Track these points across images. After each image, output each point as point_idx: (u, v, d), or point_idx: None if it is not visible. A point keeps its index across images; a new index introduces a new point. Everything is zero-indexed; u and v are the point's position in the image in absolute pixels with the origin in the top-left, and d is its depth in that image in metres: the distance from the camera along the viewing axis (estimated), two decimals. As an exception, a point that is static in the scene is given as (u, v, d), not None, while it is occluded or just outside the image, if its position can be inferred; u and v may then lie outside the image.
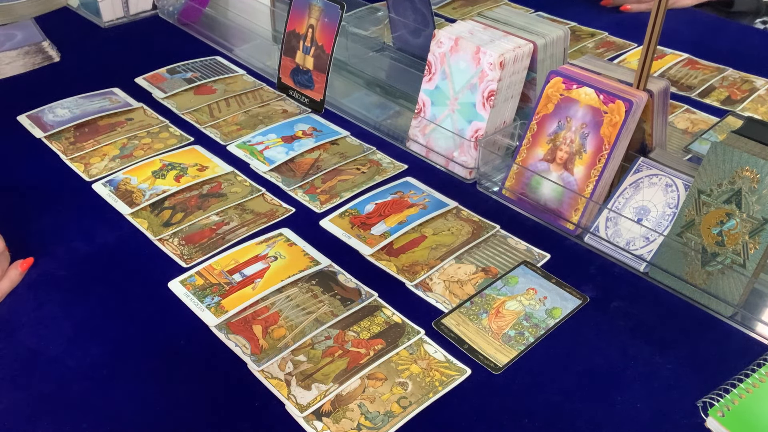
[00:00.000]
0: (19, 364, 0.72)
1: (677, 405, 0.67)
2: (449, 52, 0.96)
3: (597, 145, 0.85)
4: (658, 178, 0.84)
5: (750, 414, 0.65)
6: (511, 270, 0.83)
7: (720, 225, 0.76)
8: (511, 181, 0.93)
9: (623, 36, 1.41)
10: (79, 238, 0.88)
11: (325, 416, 0.65)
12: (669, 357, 0.72)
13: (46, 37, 1.33)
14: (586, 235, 0.87)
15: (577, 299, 0.79)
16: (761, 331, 0.75)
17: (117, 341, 0.74)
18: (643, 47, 0.82)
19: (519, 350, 0.73)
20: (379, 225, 0.90)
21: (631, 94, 0.83)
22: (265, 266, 0.83)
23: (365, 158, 1.03)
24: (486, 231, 0.89)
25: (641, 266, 0.83)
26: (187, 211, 0.92)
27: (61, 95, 1.17)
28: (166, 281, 0.81)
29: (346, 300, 0.78)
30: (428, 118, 1.01)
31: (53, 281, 0.81)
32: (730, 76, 1.26)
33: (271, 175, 1.00)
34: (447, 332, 0.75)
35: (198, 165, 1.00)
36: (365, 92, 1.18)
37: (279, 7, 1.32)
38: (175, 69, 1.27)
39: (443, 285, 0.81)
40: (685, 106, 1.17)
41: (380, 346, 0.72)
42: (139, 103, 1.16)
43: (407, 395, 0.67)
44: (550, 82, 0.88)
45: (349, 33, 1.24)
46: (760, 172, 0.73)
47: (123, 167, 1.00)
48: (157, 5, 1.50)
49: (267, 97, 1.19)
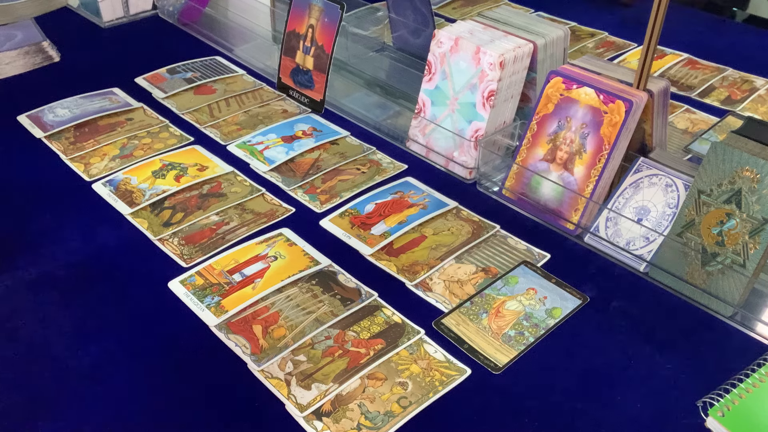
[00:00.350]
0: (19, 364, 0.72)
1: (677, 405, 0.67)
2: (449, 52, 0.96)
3: (597, 145, 0.85)
4: (658, 178, 0.84)
5: (750, 414, 0.65)
6: (511, 270, 0.83)
7: (720, 225, 0.76)
8: (511, 181, 0.93)
9: (623, 36, 1.41)
10: (79, 238, 0.88)
11: (325, 416, 0.65)
12: (669, 357, 0.72)
13: (46, 37, 1.33)
14: (586, 235, 0.87)
15: (577, 299, 0.79)
16: (761, 331, 0.75)
17: (117, 341, 0.74)
18: (643, 47, 0.82)
19: (519, 350, 0.73)
20: (379, 225, 0.90)
21: (631, 94, 0.83)
22: (265, 266, 0.83)
23: (365, 158, 1.03)
24: (486, 231, 0.89)
25: (641, 266, 0.83)
26: (187, 211, 0.92)
27: (61, 95, 1.17)
28: (166, 281, 0.81)
29: (346, 300, 0.78)
30: (428, 118, 1.01)
31: (53, 281, 0.81)
32: (730, 76, 1.26)
33: (271, 175, 1.00)
34: (447, 332, 0.75)
35: (198, 165, 1.00)
36: (365, 92, 1.18)
37: (279, 7, 1.32)
38: (175, 69, 1.27)
39: (443, 285, 0.81)
40: (685, 106, 1.17)
41: (380, 346, 0.72)
42: (139, 103, 1.16)
43: (407, 395, 0.67)
44: (550, 82, 0.88)
45: (349, 33, 1.24)
46: (760, 172, 0.73)
47: (123, 167, 1.00)
48: (157, 5, 1.50)
49: (267, 97, 1.19)
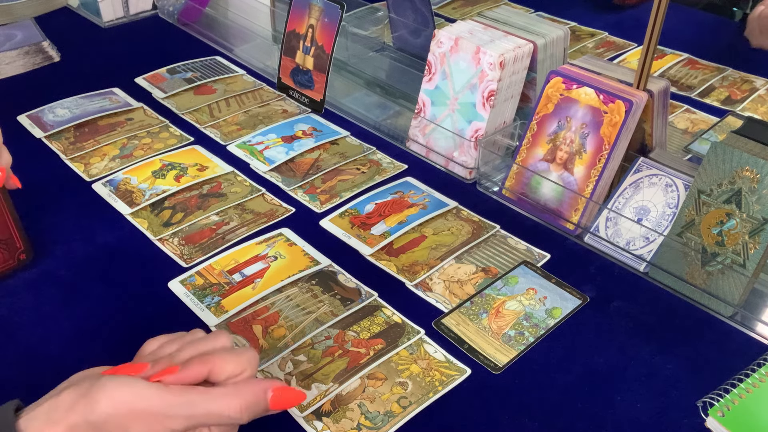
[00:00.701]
0: (19, 364, 0.72)
1: (677, 405, 0.67)
2: (449, 52, 0.96)
3: (597, 145, 0.85)
4: (658, 178, 0.84)
5: (750, 414, 0.65)
6: (511, 270, 0.83)
7: (720, 225, 0.76)
8: (511, 181, 0.93)
9: (623, 36, 1.41)
10: (79, 238, 0.88)
11: (325, 416, 0.65)
12: (669, 357, 0.72)
13: (46, 37, 1.33)
14: (586, 235, 0.87)
15: (577, 299, 0.79)
16: (761, 331, 0.75)
17: (117, 341, 0.74)
18: (643, 47, 0.82)
19: (519, 350, 0.73)
20: (379, 225, 0.90)
21: (631, 94, 0.83)
22: (265, 266, 0.83)
23: (365, 158, 1.03)
24: (486, 231, 0.89)
25: (641, 266, 0.83)
26: (187, 211, 0.92)
27: (61, 95, 1.17)
28: (166, 281, 0.81)
29: (346, 300, 0.78)
30: (428, 118, 1.01)
31: (53, 281, 0.81)
32: (730, 76, 1.26)
33: (271, 175, 1.00)
34: (447, 332, 0.75)
35: (198, 165, 1.00)
36: (365, 92, 1.18)
37: (279, 7, 1.32)
38: (175, 69, 1.27)
39: (443, 285, 0.81)
40: (685, 106, 1.17)
41: (380, 346, 0.72)
42: (139, 103, 1.16)
43: (407, 395, 0.67)
44: (550, 82, 0.88)
45: (349, 33, 1.24)
46: (760, 172, 0.73)
47: (123, 167, 1.00)
48: (157, 5, 1.51)
49: (267, 97, 1.19)
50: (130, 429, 0.51)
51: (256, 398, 0.56)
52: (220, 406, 0.54)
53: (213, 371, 0.56)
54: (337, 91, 1.16)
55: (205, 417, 0.53)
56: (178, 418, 0.52)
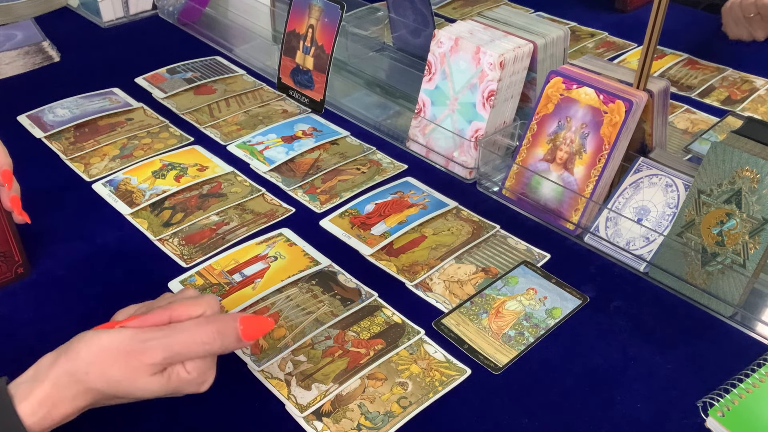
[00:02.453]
0: (19, 364, 0.71)
1: (677, 405, 0.67)
2: (449, 52, 0.96)
3: (597, 145, 0.85)
4: (658, 178, 0.84)
5: (750, 414, 0.65)
6: (511, 270, 0.83)
7: (720, 225, 0.76)
8: (511, 181, 0.93)
9: (623, 36, 1.41)
10: (79, 238, 0.88)
11: (325, 416, 0.65)
12: (669, 357, 0.72)
13: (46, 37, 1.33)
14: (586, 235, 0.87)
15: (577, 299, 0.79)
16: (761, 331, 0.75)
17: (117, 341, 0.74)
18: (643, 47, 0.82)
19: (519, 350, 0.73)
20: (379, 225, 0.90)
21: (631, 94, 0.83)
22: (265, 266, 0.83)
23: (365, 158, 1.03)
24: (486, 231, 0.89)
25: (641, 266, 0.83)
26: (187, 211, 0.92)
27: (61, 95, 1.17)
28: (166, 281, 0.81)
29: (346, 300, 0.78)
30: (428, 118, 1.01)
31: (53, 281, 0.81)
32: (730, 76, 1.26)
33: (271, 175, 1.00)
34: (447, 332, 0.75)
35: (198, 165, 1.00)
36: (365, 92, 1.18)
37: (279, 7, 1.32)
38: (175, 69, 1.27)
39: (443, 285, 0.81)
40: (685, 106, 1.17)
41: (380, 346, 0.72)
42: (139, 103, 1.16)
43: (407, 395, 0.67)
44: (550, 82, 0.88)
45: (349, 33, 1.24)
46: (760, 172, 0.73)
47: (123, 167, 1.00)
48: (157, 5, 1.51)
49: (267, 97, 1.19)
50: (111, 373, 0.54)
51: (226, 325, 0.58)
52: (193, 333, 0.56)
53: (173, 316, 0.59)
54: (337, 91, 1.16)
55: (180, 345, 0.55)
56: (155, 350, 0.55)
